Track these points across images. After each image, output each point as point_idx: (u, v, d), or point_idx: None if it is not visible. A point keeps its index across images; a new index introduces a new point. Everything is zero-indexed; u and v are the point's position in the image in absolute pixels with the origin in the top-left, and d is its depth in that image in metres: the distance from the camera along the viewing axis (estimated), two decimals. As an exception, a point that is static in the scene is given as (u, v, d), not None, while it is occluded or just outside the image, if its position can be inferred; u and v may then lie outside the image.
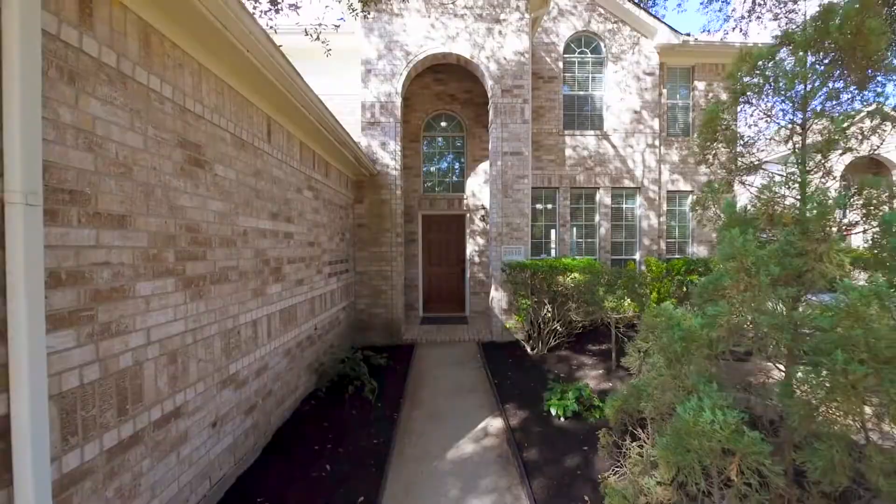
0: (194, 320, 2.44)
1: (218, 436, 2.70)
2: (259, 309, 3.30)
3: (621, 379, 4.94)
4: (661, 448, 1.26)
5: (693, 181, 8.70)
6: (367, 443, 3.52)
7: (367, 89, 6.71)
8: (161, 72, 2.18)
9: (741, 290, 1.38)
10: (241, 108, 3.04)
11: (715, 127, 1.98)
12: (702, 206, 2.07)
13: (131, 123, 1.97)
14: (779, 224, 1.58)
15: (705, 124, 2.01)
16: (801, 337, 1.36)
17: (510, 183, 6.81)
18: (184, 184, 2.36)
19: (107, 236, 1.82)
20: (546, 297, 5.98)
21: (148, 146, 2.08)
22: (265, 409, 3.41)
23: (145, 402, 2.04)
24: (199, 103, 2.50)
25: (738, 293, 1.40)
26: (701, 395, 1.26)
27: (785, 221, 1.53)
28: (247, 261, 3.10)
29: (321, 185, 4.97)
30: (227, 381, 2.82)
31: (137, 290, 1.99)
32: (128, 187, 1.94)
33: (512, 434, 3.62)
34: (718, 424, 1.15)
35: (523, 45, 6.76)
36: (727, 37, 9.30)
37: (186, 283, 2.37)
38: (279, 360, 3.71)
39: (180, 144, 2.33)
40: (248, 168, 3.14)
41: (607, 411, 2.42)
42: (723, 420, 1.15)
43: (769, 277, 1.30)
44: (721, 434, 1.14)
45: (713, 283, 1.61)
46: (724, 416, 1.17)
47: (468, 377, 5.21)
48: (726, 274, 1.54)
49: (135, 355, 1.97)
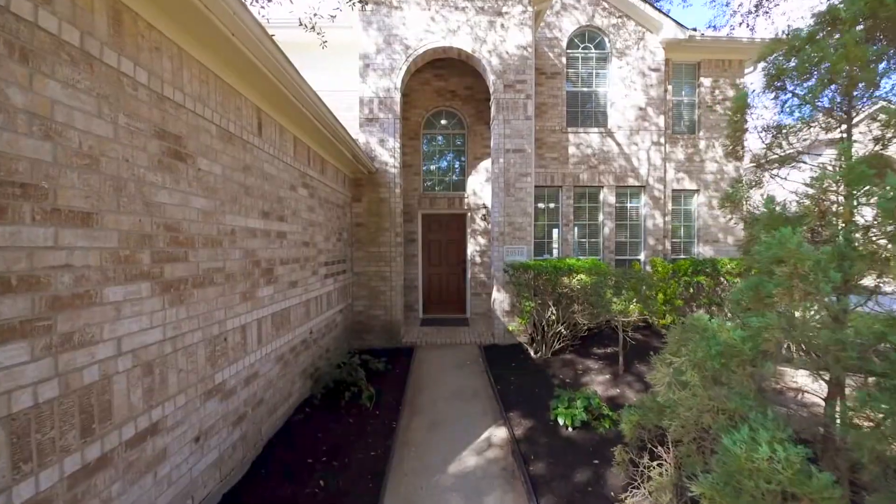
0: (174, 327, 2.24)
1: (202, 451, 2.50)
2: (249, 313, 3.10)
3: (629, 385, 4.75)
4: (706, 487, 1.07)
5: (699, 179, 8.51)
6: (364, 454, 3.32)
7: (365, 84, 6.50)
8: (135, 55, 1.98)
9: (795, 298, 1.19)
10: (228, 99, 2.84)
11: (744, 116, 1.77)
12: (732, 202, 1.87)
13: (98, 110, 1.77)
14: (829, 222, 1.39)
15: (734, 112, 1.81)
16: (867, 356, 1.17)
17: (513, 181, 6.61)
18: (162, 178, 2.16)
19: (68, 236, 1.62)
20: (550, 299, 5.79)
21: (119, 136, 1.87)
22: (255, 419, 3.21)
23: (115, 420, 1.84)
24: (179, 91, 2.30)
25: (791, 302, 1.20)
26: (753, 424, 1.07)
27: (845, 218, 1.33)
28: (235, 262, 2.90)
29: (317, 182, 4.77)
30: (213, 392, 2.62)
31: (106, 295, 1.79)
32: (94, 181, 1.74)
33: (517, 445, 3.42)
34: (779, 462, 0.96)
35: (526, 39, 6.56)
36: (733, 32, 9.12)
37: (165, 286, 2.17)
38: (271, 367, 3.51)
39: (157, 135, 2.13)
40: (235, 163, 2.93)
41: (624, 427, 2.23)
42: (784, 458, 0.96)
43: (830, 285, 1.11)
44: (783, 475, 0.95)
45: (752, 289, 1.41)
46: (786, 453, 0.97)
47: (470, 382, 5.01)
48: (771, 280, 1.34)
49: (103, 368, 1.77)
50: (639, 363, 5.36)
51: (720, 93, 8.58)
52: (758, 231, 1.54)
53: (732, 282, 7.18)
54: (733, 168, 8.57)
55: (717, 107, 8.57)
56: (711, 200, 8.54)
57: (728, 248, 8.59)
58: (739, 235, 8.80)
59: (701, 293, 7.40)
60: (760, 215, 1.57)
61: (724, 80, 8.57)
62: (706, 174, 8.54)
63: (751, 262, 1.80)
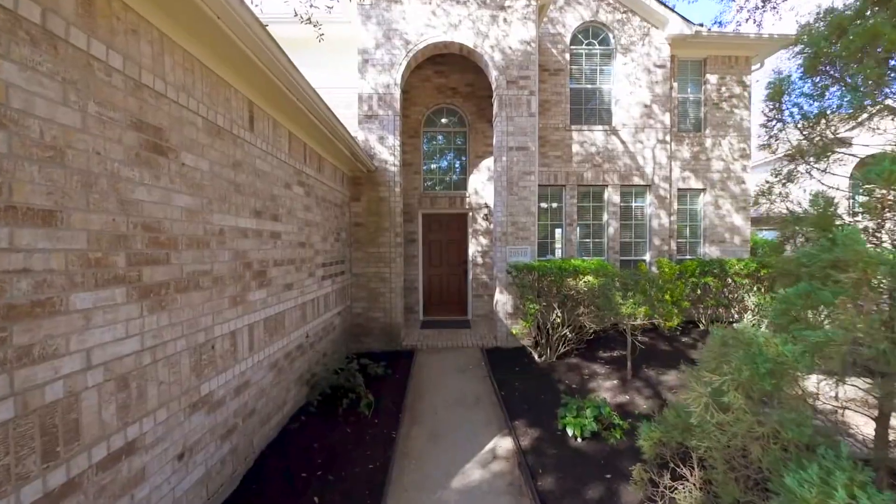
0: (154, 336, 2.06)
1: (186, 468, 2.31)
2: (239, 318, 2.92)
3: (638, 391, 4.57)
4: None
5: (705, 178, 8.33)
6: (362, 467, 3.14)
7: (364, 80, 6.32)
8: (108, 37, 1.79)
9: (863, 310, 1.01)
10: (216, 90, 2.66)
11: (781, 104, 1.60)
12: (767, 197, 1.69)
13: (64, 96, 1.59)
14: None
15: (771, 98, 1.63)
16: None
17: (516, 179, 6.43)
18: (140, 174, 1.98)
19: (26, 236, 1.44)
20: (555, 301, 5.61)
21: (88, 126, 1.69)
22: (246, 430, 3.03)
23: (85, 440, 1.66)
24: (160, 79, 2.12)
25: (859, 315, 1.02)
26: (824, 462, 0.89)
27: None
28: (224, 264, 2.72)
29: (314, 180, 4.59)
30: (199, 404, 2.44)
31: (72, 302, 1.61)
32: (58, 176, 1.56)
33: (524, 457, 3.24)
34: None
35: (530, 34, 6.38)
36: (740, 28, 8.95)
37: (143, 292, 1.99)
38: (264, 375, 3.33)
39: (134, 126, 1.95)
40: (225, 158, 2.75)
41: (643, 444, 2.04)
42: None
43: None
44: (870, 531, 0.77)
45: (802, 297, 1.22)
46: (871, 502, 0.79)
47: (472, 388, 4.83)
48: (826, 287, 1.16)
49: (68, 384, 1.59)
50: (647, 367, 5.18)
51: (727, 90, 8.40)
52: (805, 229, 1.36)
53: (740, 283, 7.00)
54: (740, 167, 8.39)
55: (723, 104, 8.39)
56: (718, 200, 8.36)
57: (735, 248, 8.41)
58: (746, 235, 8.61)
59: (708, 294, 7.22)
60: (806, 214, 1.39)
61: (731, 77, 8.39)
62: (712, 173, 8.36)
63: (787, 265, 1.61)
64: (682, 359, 5.62)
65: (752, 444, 1.16)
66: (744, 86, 8.39)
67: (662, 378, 4.87)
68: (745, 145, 8.39)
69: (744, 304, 7.10)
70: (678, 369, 5.16)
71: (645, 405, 4.19)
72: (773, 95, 1.75)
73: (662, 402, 4.26)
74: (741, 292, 7.08)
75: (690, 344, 6.23)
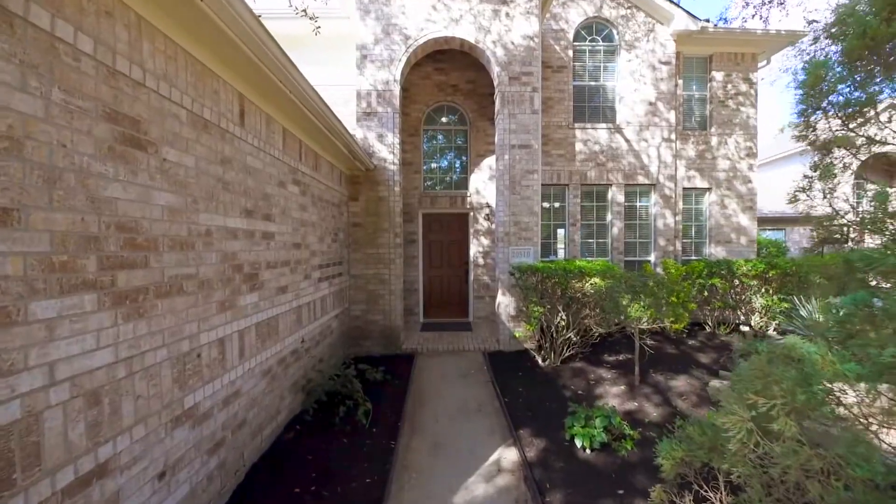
0: (130, 346, 1.89)
1: (168, 488, 2.14)
2: (228, 324, 2.75)
3: (647, 397, 4.40)
4: None
5: (711, 177, 8.16)
6: (359, 482, 2.97)
7: (362, 77, 6.15)
8: (76, 18, 1.63)
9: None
10: (203, 81, 2.49)
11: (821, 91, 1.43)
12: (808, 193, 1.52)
13: (22, 82, 1.42)
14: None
15: (809, 85, 1.46)
16: None
17: (518, 178, 6.26)
18: (114, 169, 1.81)
19: (-26, 238, 1.27)
20: (560, 304, 5.43)
21: (52, 115, 1.52)
22: (236, 443, 2.86)
23: (47, 465, 1.49)
24: (137, 67, 1.95)
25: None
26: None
27: None
28: (211, 267, 2.55)
29: (310, 179, 4.42)
30: (182, 418, 2.27)
31: (32, 311, 1.44)
32: (15, 170, 1.39)
33: (530, 471, 3.07)
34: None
35: (532, 29, 6.21)
36: (746, 24, 8.78)
37: (117, 298, 1.82)
38: (255, 383, 3.16)
39: (108, 117, 1.78)
40: (212, 154, 2.58)
41: (664, 463, 1.87)
42: None
43: None
44: None
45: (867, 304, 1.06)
46: None
47: (474, 394, 4.66)
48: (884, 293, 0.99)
49: (27, 403, 1.42)
50: (654, 372, 5.01)
51: (733, 87, 8.23)
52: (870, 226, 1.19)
53: (748, 284, 6.83)
54: (746, 166, 8.23)
55: (729, 102, 8.23)
56: (723, 199, 8.20)
57: (741, 248, 8.25)
58: (752, 236, 8.44)
59: (715, 296, 7.05)
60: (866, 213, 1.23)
61: (737, 74, 8.22)
62: (718, 172, 8.19)
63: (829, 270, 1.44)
64: (691, 363, 5.46)
65: (808, 481, 0.99)
66: (750, 83, 8.23)
67: (671, 383, 4.70)
68: (752, 144, 8.22)
69: (751, 305, 6.93)
70: (688, 374, 5.02)
71: (655, 413, 4.02)
72: (811, 83, 1.58)
73: (673, 409, 4.09)
74: (748, 294, 6.91)
75: (698, 347, 6.06)
